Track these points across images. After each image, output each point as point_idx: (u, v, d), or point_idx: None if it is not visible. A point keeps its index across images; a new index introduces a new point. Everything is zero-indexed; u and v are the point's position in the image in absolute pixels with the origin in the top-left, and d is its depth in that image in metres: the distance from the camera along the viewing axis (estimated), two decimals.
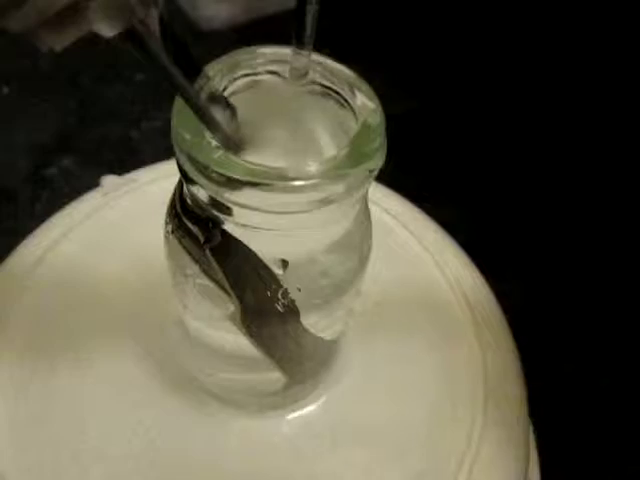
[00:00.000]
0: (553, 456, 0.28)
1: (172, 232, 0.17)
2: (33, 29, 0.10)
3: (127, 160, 0.45)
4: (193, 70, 0.13)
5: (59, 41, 0.11)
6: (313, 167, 0.13)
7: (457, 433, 0.22)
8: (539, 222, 0.47)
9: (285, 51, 0.15)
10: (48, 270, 0.25)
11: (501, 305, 0.27)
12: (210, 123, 0.13)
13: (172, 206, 0.17)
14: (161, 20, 0.11)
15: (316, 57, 0.15)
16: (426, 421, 0.22)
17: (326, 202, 0.13)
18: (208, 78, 0.14)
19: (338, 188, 0.13)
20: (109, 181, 0.28)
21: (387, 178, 0.24)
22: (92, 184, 0.28)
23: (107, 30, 0.11)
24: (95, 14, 0.10)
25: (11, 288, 0.24)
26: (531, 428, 0.26)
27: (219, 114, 0.14)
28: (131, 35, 0.11)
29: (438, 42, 0.61)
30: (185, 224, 0.16)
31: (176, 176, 0.16)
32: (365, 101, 0.15)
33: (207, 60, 0.15)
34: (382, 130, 0.14)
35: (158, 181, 0.28)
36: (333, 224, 0.15)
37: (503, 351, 0.25)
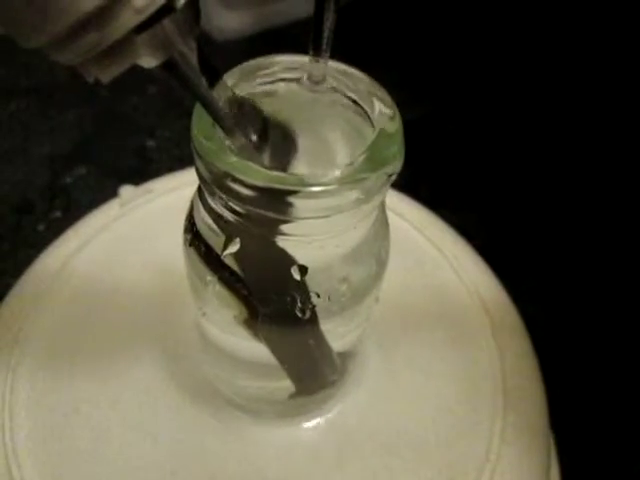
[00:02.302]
0: (574, 465, 0.27)
1: (191, 240, 0.17)
2: (82, 62, 0.11)
3: (143, 170, 0.45)
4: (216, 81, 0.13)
5: (106, 73, 0.11)
6: (331, 173, 0.13)
7: (476, 440, 0.22)
8: (556, 227, 0.47)
9: (302, 59, 0.15)
10: (67, 280, 0.25)
11: (518, 310, 0.26)
12: (241, 145, 0.14)
13: (190, 214, 0.17)
14: (199, 49, 0.12)
15: (333, 64, 0.15)
16: (445, 428, 0.22)
17: (344, 208, 0.14)
18: (233, 93, 0.14)
19: (356, 194, 0.13)
20: (126, 191, 0.28)
21: (403, 184, 0.24)
22: (109, 194, 0.29)
23: (150, 62, 0.11)
24: (140, 48, 0.11)
25: (32, 298, 0.24)
26: (552, 437, 0.26)
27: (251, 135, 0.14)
28: (170, 66, 0.12)
29: (453, 47, 0.61)
30: (204, 230, 0.16)
31: (192, 185, 0.16)
32: (382, 107, 0.15)
33: (221, 70, 0.15)
34: (400, 136, 0.14)
35: (174, 190, 0.28)
36: (351, 230, 0.15)
37: (522, 356, 0.24)
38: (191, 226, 0.17)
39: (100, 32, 0.10)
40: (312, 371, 0.20)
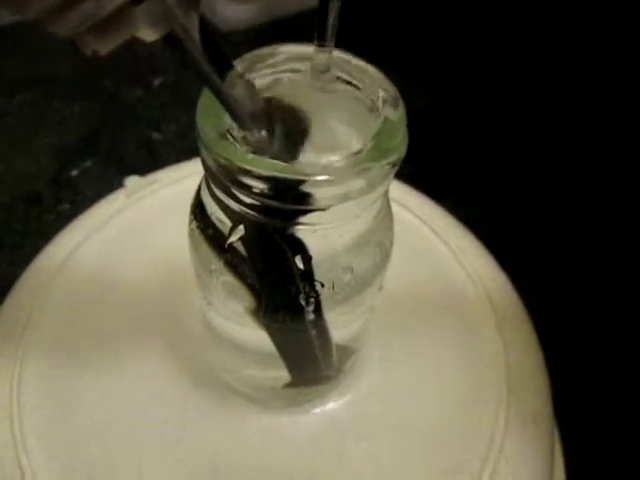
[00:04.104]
0: (578, 456, 0.27)
1: (196, 229, 0.17)
2: (79, 34, 0.11)
3: (149, 162, 0.46)
4: (226, 68, 0.13)
5: (104, 45, 0.11)
6: (336, 162, 0.13)
7: (480, 430, 0.22)
8: (560, 218, 0.46)
9: (307, 48, 0.15)
10: (74, 270, 0.25)
11: (523, 301, 0.26)
12: (242, 122, 0.14)
13: (196, 203, 0.17)
14: (201, 24, 0.12)
15: (337, 54, 0.15)
16: (449, 418, 0.22)
17: (348, 197, 0.14)
18: (242, 77, 0.14)
19: (360, 183, 0.13)
20: (132, 182, 0.28)
21: (407, 175, 0.24)
22: (115, 185, 0.29)
23: (149, 35, 0.11)
24: (139, 20, 0.11)
25: (38, 288, 0.25)
26: (556, 427, 0.26)
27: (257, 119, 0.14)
28: (172, 40, 0.11)
29: (457, 37, 0.61)
30: (210, 219, 0.16)
31: (197, 175, 0.16)
32: (386, 96, 0.15)
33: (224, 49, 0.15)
34: (403, 124, 0.14)
35: (179, 181, 0.29)
36: (355, 220, 0.15)
37: (526, 347, 0.25)
38: (196, 215, 0.17)
39: (97, 1, 0.10)
40: (310, 362, 0.20)
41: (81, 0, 0.10)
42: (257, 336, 0.18)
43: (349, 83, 0.15)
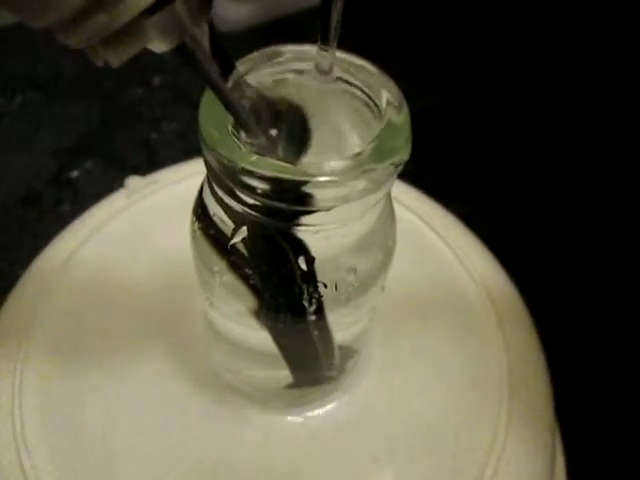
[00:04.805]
0: (580, 456, 0.27)
1: (198, 229, 0.17)
2: (91, 45, 0.11)
3: (149, 162, 0.46)
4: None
5: (115, 57, 0.11)
6: (339, 163, 0.13)
7: (482, 430, 0.22)
8: (562, 218, 0.46)
9: (309, 49, 0.15)
10: (74, 271, 0.25)
11: (524, 301, 0.26)
12: (250, 130, 0.14)
13: (198, 203, 0.17)
14: (211, 33, 0.12)
15: (341, 54, 0.15)
16: (451, 418, 0.22)
17: (351, 198, 0.14)
18: (248, 85, 0.14)
19: (363, 184, 0.13)
20: (133, 182, 0.28)
21: (409, 175, 0.24)
22: (115, 186, 0.29)
23: (161, 46, 0.11)
24: (151, 31, 0.11)
25: (39, 290, 0.25)
26: (557, 427, 0.26)
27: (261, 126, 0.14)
28: (182, 50, 0.11)
29: (459, 37, 0.60)
30: (212, 219, 0.16)
31: (198, 175, 0.16)
32: (390, 98, 0.15)
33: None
34: (407, 127, 0.14)
35: (180, 181, 0.29)
36: (358, 221, 0.15)
37: (528, 347, 0.25)
38: (199, 215, 0.17)
39: (109, 13, 0.10)
40: (312, 363, 0.20)
41: (94, 12, 0.10)
42: (259, 337, 0.18)
43: (352, 84, 0.15)
